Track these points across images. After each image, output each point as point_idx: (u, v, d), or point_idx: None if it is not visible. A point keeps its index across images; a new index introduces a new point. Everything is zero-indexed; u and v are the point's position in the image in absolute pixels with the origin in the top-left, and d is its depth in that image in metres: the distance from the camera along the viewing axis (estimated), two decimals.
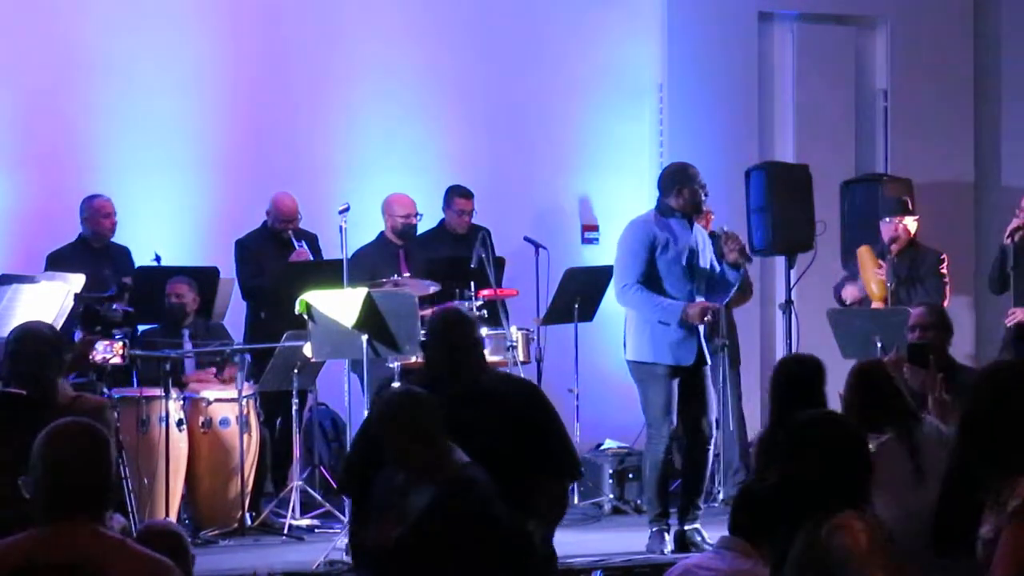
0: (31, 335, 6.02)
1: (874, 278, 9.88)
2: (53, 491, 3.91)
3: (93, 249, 9.76)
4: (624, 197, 11.39)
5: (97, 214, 9.80)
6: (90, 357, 7.35)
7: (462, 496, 5.40)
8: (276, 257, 9.88)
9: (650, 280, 8.12)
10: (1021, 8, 12.36)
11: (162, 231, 10.39)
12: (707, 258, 8.27)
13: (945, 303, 9.92)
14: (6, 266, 9.53)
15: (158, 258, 9.76)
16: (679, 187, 8.18)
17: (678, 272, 8.12)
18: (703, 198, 8.22)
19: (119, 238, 9.98)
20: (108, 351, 7.66)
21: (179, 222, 10.60)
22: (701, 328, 8.13)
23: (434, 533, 5.34)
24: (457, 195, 10.32)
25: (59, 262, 9.38)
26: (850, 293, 10.07)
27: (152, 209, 10.46)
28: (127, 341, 7.98)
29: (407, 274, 9.51)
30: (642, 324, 8.17)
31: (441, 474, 5.45)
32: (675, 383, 8.13)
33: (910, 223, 9.96)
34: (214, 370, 9.21)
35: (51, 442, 3.98)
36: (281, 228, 10.02)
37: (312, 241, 10.18)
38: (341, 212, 8.89)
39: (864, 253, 10.07)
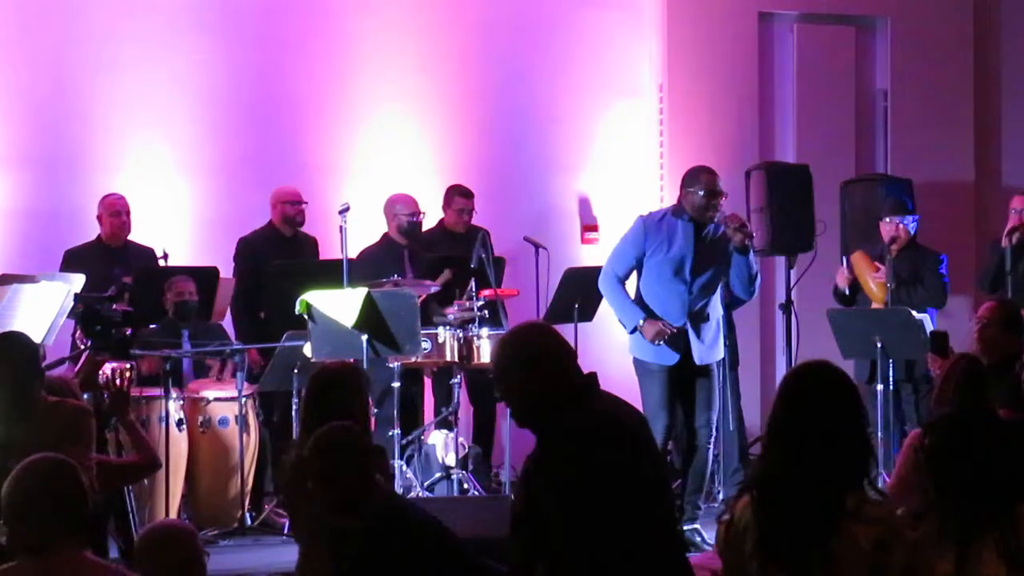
0: (9, 343, 5.99)
1: (873, 280, 9.87)
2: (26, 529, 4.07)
3: (109, 248, 9.79)
4: (624, 197, 11.39)
5: (106, 211, 9.85)
6: (98, 378, 7.38)
7: (393, 532, 5.02)
8: (277, 257, 9.88)
9: (642, 275, 8.24)
10: (1021, 8, 12.36)
11: (162, 231, 10.39)
12: (718, 265, 8.23)
13: (944, 304, 9.94)
14: (15, 264, 9.54)
15: (165, 256, 9.81)
16: (683, 190, 8.27)
17: (668, 275, 8.17)
18: (711, 207, 8.15)
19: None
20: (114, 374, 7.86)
21: (179, 222, 10.60)
22: (691, 330, 8.15)
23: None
24: (457, 194, 10.34)
25: (73, 260, 9.48)
26: (842, 277, 10.03)
27: (152, 209, 10.45)
28: (134, 364, 8.13)
29: (411, 275, 9.52)
30: None
31: (366, 506, 5.10)
32: (669, 381, 8.14)
33: (910, 223, 9.96)
34: (214, 380, 9.21)
35: (14, 483, 4.11)
36: (294, 213, 10.03)
37: (313, 245, 10.19)
38: (341, 212, 8.90)
39: (858, 259, 10.05)
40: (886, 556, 3.85)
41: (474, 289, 9.15)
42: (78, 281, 7.74)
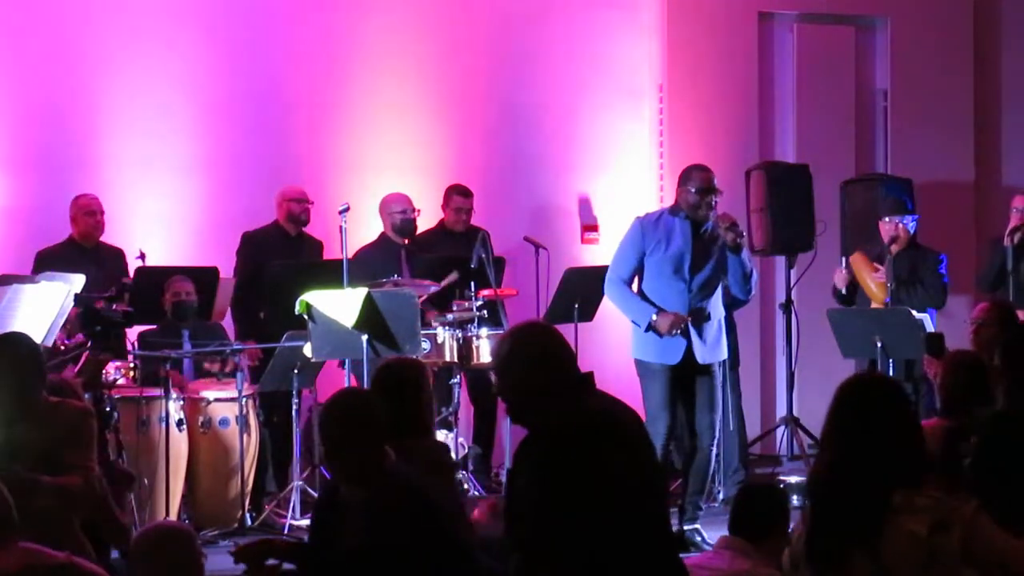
0: (10, 343, 5.98)
1: (873, 280, 9.87)
2: None
3: (82, 249, 9.75)
4: (624, 197, 11.39)
5: (80, 212, 9.81)
6: (101, 379, 7.40)
7: (398, 502, 5.00)
8: (279, 255, 9.88)
9: (642, 275, 8.22)
10: (1021, 8, 12.36)
11: (162, 231, 10.40)
12: (714, 263, 8.22)
13: (944, 304, 9.95)
14: (2, 266, 9.54)
15: (142, 256, 9.73)
16: (678, 188, 8.24)
17: (667, 272, 8.15)
18: (704, 206, 8.13)
19: (116, 238, 9.99)
20: (118, 373, 7.90)
21: (179, 222, 10.60)
22: (692, 329, 8.14)
23: (375, 548, 4.98)
24: (456, 194, 10.36)
25: (47, 261, 9.38)
26: (840, 278, 10.03)
27: (152, 209, 10.46)
28: (138, 363, 8.13)
29: (407, 274, 9.52)
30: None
31: (374, 479, 5.09)
32: (671, 381, 8.13)
33: (910, 223, 9.97)
34: (215, 380, 9.22)
35: None
36: (299, 211, 10.03)
37: (317, 249, 10.18)
38: (341, 212, 8.90)
39: (857, 260, 10.05)
40: (944, 537, 3.85)
41: (473, 289, 9.15)
42: (78, 281, 7.74)
